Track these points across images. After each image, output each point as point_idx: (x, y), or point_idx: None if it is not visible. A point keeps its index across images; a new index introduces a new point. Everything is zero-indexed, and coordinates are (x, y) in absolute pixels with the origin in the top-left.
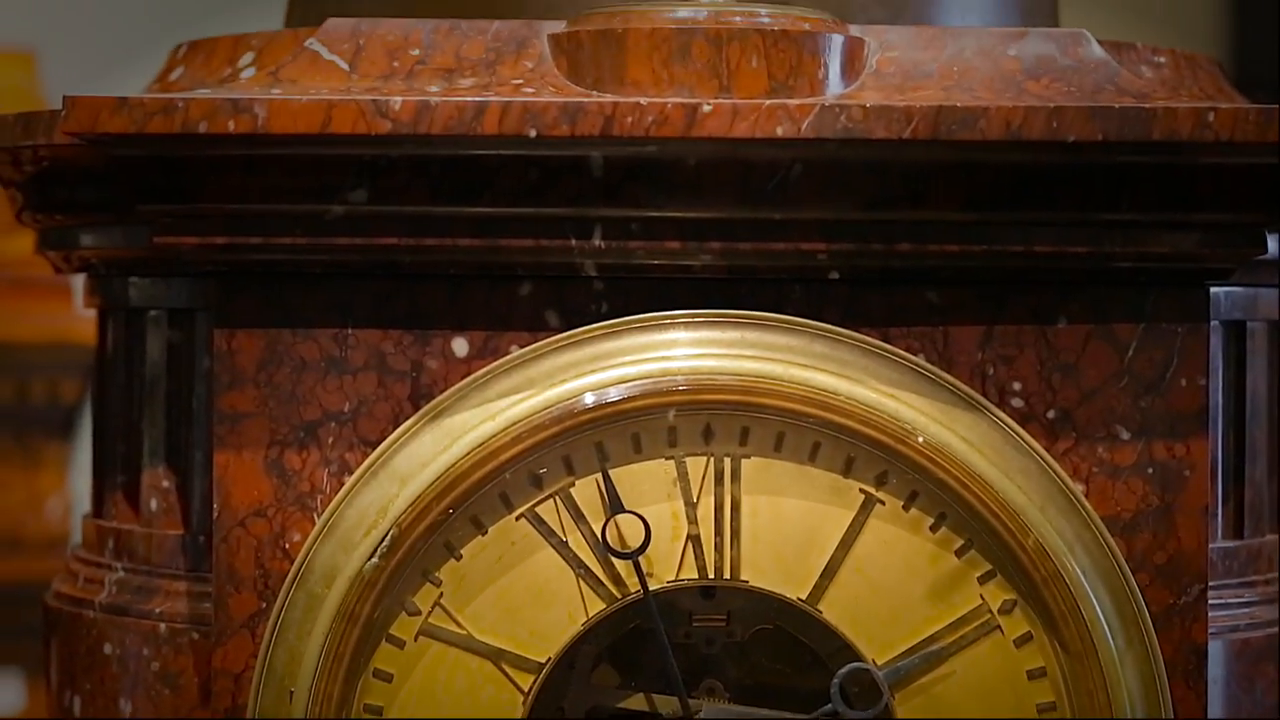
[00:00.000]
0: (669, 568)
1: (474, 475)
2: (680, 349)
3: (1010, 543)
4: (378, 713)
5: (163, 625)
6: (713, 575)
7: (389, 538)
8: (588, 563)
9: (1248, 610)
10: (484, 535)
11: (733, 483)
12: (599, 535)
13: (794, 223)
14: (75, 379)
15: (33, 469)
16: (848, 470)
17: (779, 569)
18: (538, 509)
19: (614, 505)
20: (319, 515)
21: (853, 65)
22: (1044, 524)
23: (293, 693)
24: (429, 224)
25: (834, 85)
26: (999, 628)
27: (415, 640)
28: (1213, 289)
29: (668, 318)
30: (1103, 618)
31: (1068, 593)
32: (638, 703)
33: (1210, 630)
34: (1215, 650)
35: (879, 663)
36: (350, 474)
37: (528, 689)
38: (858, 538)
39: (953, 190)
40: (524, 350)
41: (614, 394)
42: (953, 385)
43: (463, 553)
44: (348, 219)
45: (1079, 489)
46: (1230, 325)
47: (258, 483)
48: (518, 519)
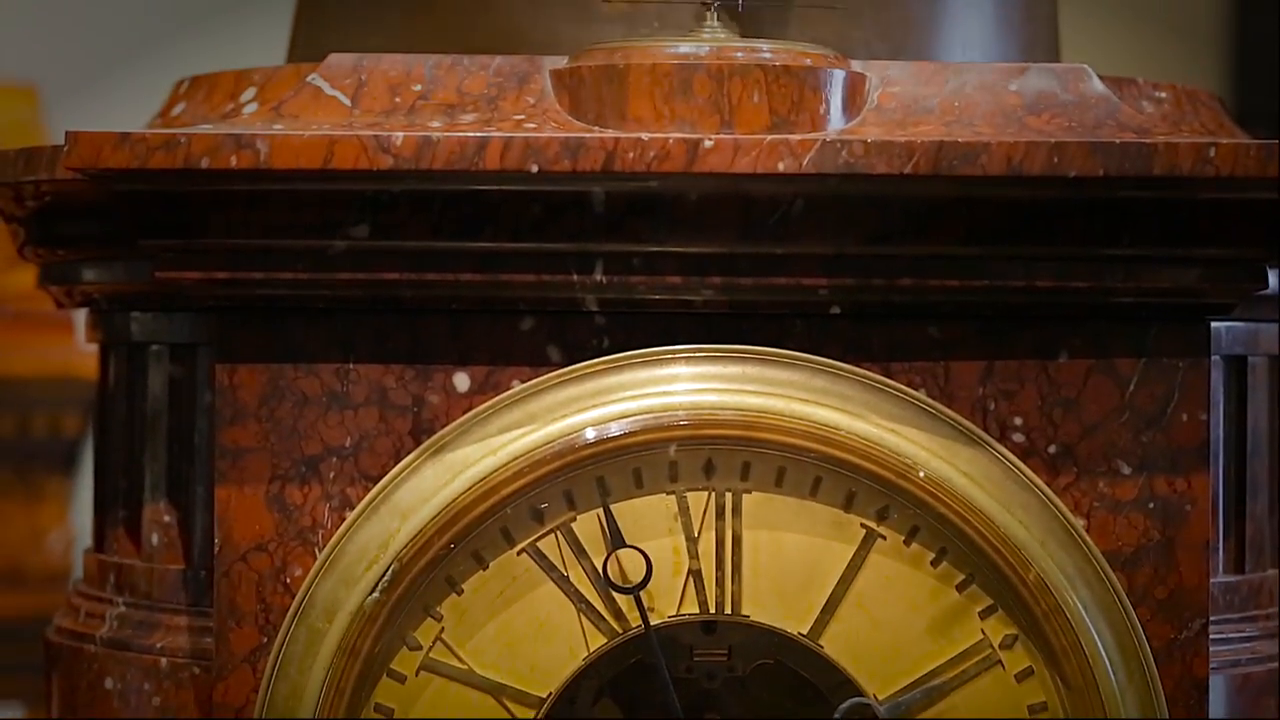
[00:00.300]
0: (670, 602)
1: (475, 510)
2: (681, 384)
3: (1011, 577)
4: None
5: (164, 660)
6: (714, 610)
7: (390, 572)
8: (589, 597)
9: (1249, 645)
10: (485, 570)
11: (734, 517)
12: (600, 570)
13: (795, 257)
14: (77, 414)
15: (34, 503)
16: (849, 505)
17: (780, 604)
18: (539, 544)
19: (615, 540)
20: (320, 550)
21: (854, 100)
22: (1045, 559)
23: None
24: (431, 259)
25: (835, 120)
26: (1000, 662)
27: (416, 675)
28: (1214, 324)
29: (669, 353)
30: (1104, 652)
31: (1069, 627)
32: None
33: (1211, 665)
34: (1216, 685)
35: (880, 698)
36: (351, 509)
37: None
38: (859, 572)
39: (954, 225)
40: (525, 385)
41: (615, 429)
42: (954, 420)
43: (464, 587)
44: (349, 254)
45: (1080, 524)
46: (1231, 360)
47: (259, 517)
48: (519, 554)
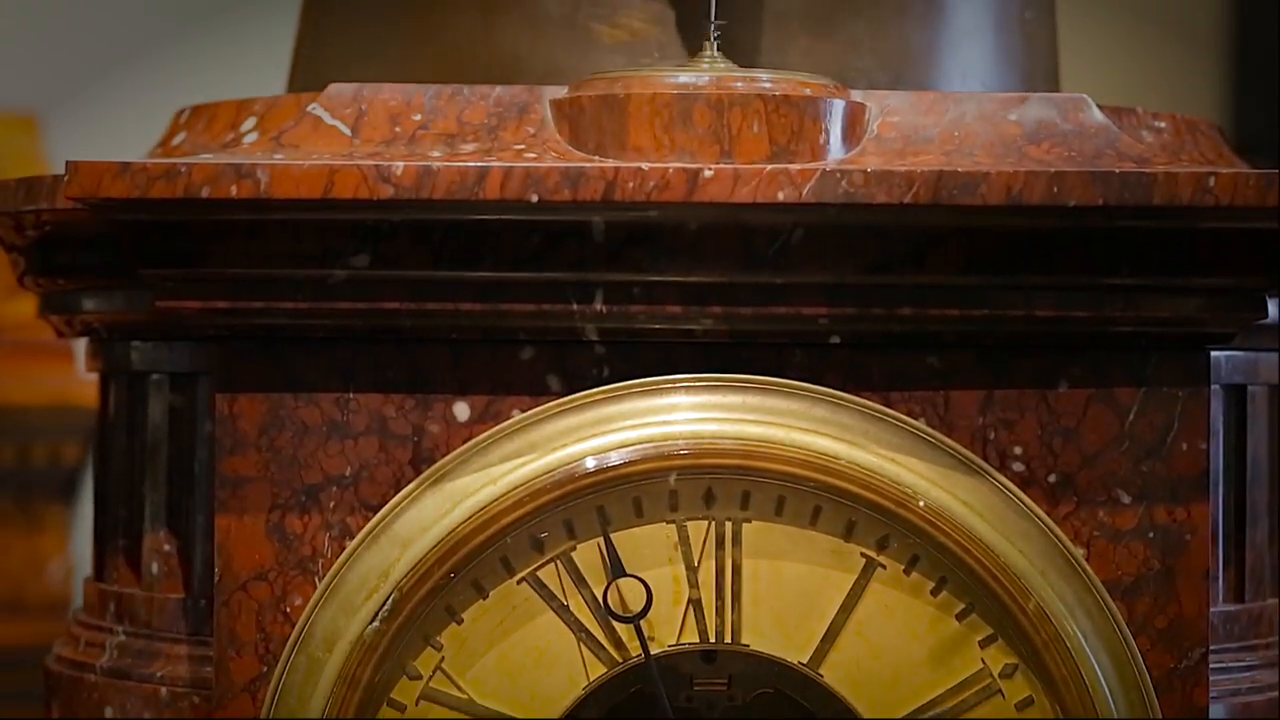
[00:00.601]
0: (670, 631)
1: (475, 539)
2: (681, 413)
3: (1011, 606)
4: None
5: (164, 689)
6: (714, 639)
7: (390, 601)
8: (589, 626)
9: (1249, 674)
10: (485, 599)
11: (734, 546)
12: (600, 599)
13: (795, 287)
14: (77, 443)
15: (34, 532)
16: (849, 534)
17: (780, 633)
18: (539, 573)
19: (615, 569)
20: (320, 579)
21: (854, 130)
22: (1045, 588)
23: None
24: (431, 288)
25: (835, 150)
26: (1000, 691)
27: (416, 704)
28: (1213, 353)
29: (669, 382)
30: (1104, 682)
31: (1069, 657)
32: None
33: (1211, 694)
34: (1216, 714)
35: None
36: (352, 538)
37: None
38: (859, 601)
39: (954, 255)
40: (525, 414)
41: (615, 458)
42: (954, 449)
43: (464, 616)
44: (350, 283)
45: (1080, 553)
46: (1231, 389)
47: (259, 546)
48: (519, 583)
